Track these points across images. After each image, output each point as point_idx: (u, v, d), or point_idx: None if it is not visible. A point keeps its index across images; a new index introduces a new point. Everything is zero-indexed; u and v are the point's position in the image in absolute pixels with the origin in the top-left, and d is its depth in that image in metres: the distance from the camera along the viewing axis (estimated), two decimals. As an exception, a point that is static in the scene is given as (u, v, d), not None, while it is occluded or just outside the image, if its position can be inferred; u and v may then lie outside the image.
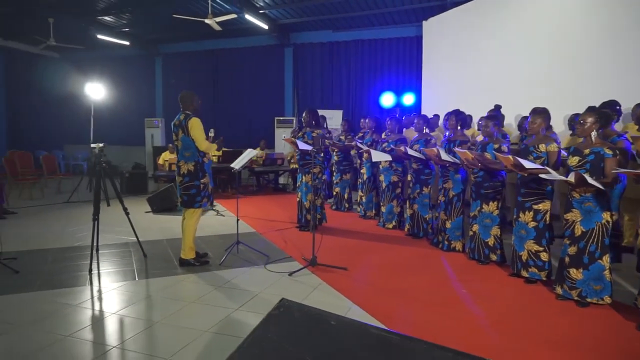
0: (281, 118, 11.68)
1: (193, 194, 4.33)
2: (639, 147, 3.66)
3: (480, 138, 5.75)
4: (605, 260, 3.34)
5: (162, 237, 5.59)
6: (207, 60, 12.69)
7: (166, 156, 9.66)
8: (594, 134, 3.37)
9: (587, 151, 3.37)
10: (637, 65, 5.78)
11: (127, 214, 4.61)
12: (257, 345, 2.03)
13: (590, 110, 3.40)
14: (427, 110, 9.36)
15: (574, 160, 3.43)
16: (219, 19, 8.32)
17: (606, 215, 3.32)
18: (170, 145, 9.92)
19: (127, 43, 11.96)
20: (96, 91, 8.35)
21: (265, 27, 10.19)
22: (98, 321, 3.14)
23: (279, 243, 5.33)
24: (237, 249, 4.80)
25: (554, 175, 3.36)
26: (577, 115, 4.64)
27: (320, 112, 11.13)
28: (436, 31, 9.30)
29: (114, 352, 2.68)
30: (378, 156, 5.87)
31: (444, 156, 4.73)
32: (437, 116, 7.90)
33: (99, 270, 4.27)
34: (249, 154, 4.92)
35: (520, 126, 5.94)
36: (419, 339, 1.82)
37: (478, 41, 8.27)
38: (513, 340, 2.89)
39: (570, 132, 5.23)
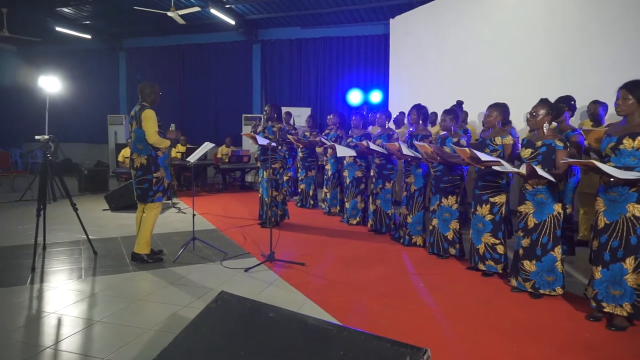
0: (249, 115, 11.50)
1: (146, 188, 4.16)
2: (591, 141, 3.72)
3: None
4: (557, 251, 3.37)
5: (117, 235, 5.37)
6: (173, 55, 12.37)
7: (126, 153, 9.36)
8: (546, 126, 3.39)
9: (539, 143, 3.39)
10: (601, 63, 5.83)
11: (75, 210, 4.40)
12: (191, 339, 1.93)
13: (543, 102, 3.42)
14: (394, 108, 9.36)
15: (526, 153, 3.44)
16: (182, 12, 8.11)
17: (557, 207, 3.35)
18: (129, 140, 9.60)
19: (89, 37, 11.55)
20: (51, 84, 8.00)
21: (232, 22, 10.02)
22: (33, 321, 2.95)
23: (238, 239, 5.20)
24: (194, 245, 4.65)
25: (507, 167, 3.36)
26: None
27: (288, 109, 11.08)
28: (403, 29, 9.33)
29: (47, 353, 2.51)
30: (343, 151, 5.81)
31: (406, 150, 4.70)
32: (402, 113, 7.89)
33: (43, 268, 4.05)
34: (205, 147, 4.77)
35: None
36: (357, 330, 1.75)
37: (444, 39, 8.33)
38: (464, 329, 2.87)
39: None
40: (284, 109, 11.13)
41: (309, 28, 11.28)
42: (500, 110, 3.89)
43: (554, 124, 4.50)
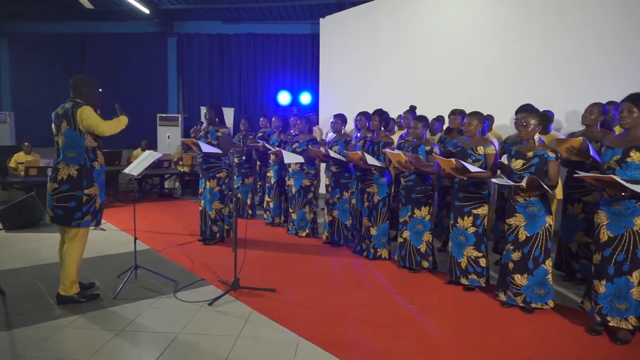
0: (164, 115, 10.47)
1: (72, 207, 3.30)
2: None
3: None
4: (548, 264, 3.31)
5: (24, 264, 4.33)
6: (72, 45, 10.74)
7: (20, 157, 7.87)
8: (536, 136, 3.31)
9: (530, 154, 3.29)
10: (542, 69, 6.02)
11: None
12: None
13: (532, 112, 3.34)
14: (325, 110, 9.14)
15: (517, 164, 3.33)
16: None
17: (549, 219, 3.28)
18: (26, 144, 8.10)
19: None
20: None
21: (146, 11, 8.96)
22: None
23: (184, 262, 4.49)
24: (136, 274, 3.86)
25: (504, 180, 3.22)
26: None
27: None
28: (334, 29, 9.10)
29: None
30: (290, 158, 5.35)
31: (371, 160, 4.41)
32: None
33: None
34: (149, 156, 4.00)
35: (431, 127, 5.93)
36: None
37: (378, 41, 8.24)
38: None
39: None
40: (205, 109, 10.36)
41: (231, 23, 10.58)
42: (479, 118, 3.76)
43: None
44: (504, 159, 3.64)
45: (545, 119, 3.31)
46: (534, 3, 6.15)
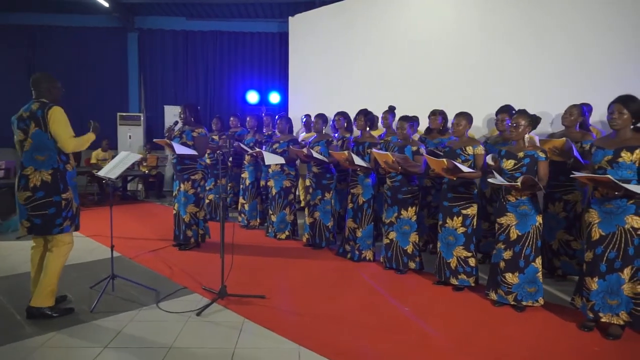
0: (125, 114, 9.97)
1: (52, 214, 3.04)
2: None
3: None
4: (538, 262, 3.36)
5: (-18, 277, 3.95)
6: (19, 38, 9.97)
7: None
8: (527, 137, 3.36)
9: (521, 154, 3.34)
10: (509, 73, 6.15)
11: None
12: None
13: (523, 113, 3.38)
14: (295, 110, 9.01)
15: (509, 164, 3.37)
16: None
17: (539, 218, 3.34)
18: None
19: None
20: None
21: (106, 4, 8.49)
22: None
23: (161, 270, 4.25)
24: (113, 285, 3.59)
25: (499, 179, 3.24)
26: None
27: (173, 108, 9.91)
28: (304, 28, 8.98)
29: None
30: (271, 159, 5.20)
31: (358, 161, 4.35)
32: (308, 116, 7.50)
33: None
34: (127, 158, 3.73)
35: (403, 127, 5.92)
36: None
37: (350, 41, 8.19)
38: (489, 363, 2.62)
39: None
40: (169, 108, 9.97)
41: (195, 19, 10.23)
42: (467, 119, 3.79)
43: (497, 132, 4.63)
44: (489, 159, 3.68)
45: (535, 120, 3.36)
46: (510, 2, 6.24)
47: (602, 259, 2.93)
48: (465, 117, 3.77)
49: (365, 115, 4.63)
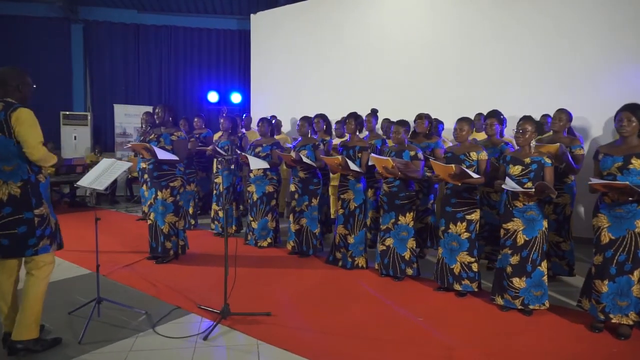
0: (69, 113, 9.16)
1: (22, 234, 2.60)
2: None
3: (336, 142, 5.45)
4: (544, 266, 3.42)
5: None
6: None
7: None
8: (533, 142, 3.40)
9: (527, 160, 3.37)
10: (492, 71, 6.27)
11: None
12: None
13: (528, 119, 3.42)
14: (257, 111, 8.71)
15: (516, 170, 3.39)
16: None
17: (545, 223, 3.40)
18: None
19: None
20: None
21: (48, -8, 7.71)
22: None
23: (144, 288, 3.87)
24: (99, 311, 3.19)
25: (512, 185, 3.25)
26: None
27: (124, 107, 9.25)
28: (267, 26, 8.71)
29: None
30: (256, 164, 4.94)
31: (353, 166, 4.22)
32: (274, 117, 7.25)
33: None
34: (115, 166, 3.31)
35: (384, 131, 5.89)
36: None
37: (316, 41, 8.05)
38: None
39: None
40: (119, 107, 9.28)
41: (148, 13, 9.61)
42: (470, 124, 3.78)
43: (485, 136, 4.68)
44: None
45: (540, 126, 3.42)
46: (481, 2, 6.36)
47: (612, 262, 3.02)
48: (467, 123, 3.76)
49: (356, 119, 4.51)
